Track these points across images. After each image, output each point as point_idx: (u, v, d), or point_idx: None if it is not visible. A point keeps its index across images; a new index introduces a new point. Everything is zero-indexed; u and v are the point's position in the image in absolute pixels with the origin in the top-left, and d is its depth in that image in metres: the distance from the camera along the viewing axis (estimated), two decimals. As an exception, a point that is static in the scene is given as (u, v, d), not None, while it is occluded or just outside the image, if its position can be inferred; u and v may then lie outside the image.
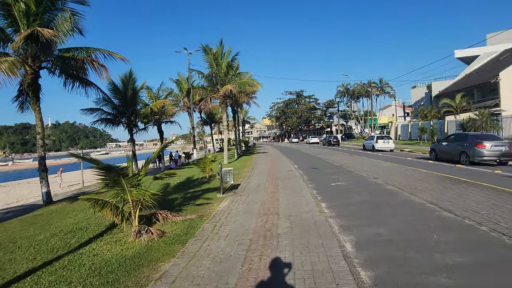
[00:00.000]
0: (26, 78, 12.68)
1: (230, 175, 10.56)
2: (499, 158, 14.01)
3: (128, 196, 6.03)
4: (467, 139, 15.12)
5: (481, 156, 14.06)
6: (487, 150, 13.98)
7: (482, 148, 14.09)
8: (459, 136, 16.42)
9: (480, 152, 14.11)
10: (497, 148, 13.98)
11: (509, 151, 13.91)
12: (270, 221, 6.49)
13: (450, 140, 16.69)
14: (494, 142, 14.17)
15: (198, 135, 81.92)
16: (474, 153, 14.27)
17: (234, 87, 21.99)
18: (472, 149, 14.41)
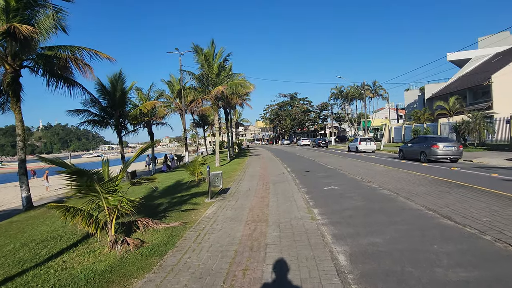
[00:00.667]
0: (5, 77, 12.09)
1: (219, 178, 10.10)
2: (449, 157, 16.70)
3: (103, 203, 5.54)
4: (426, 141, 17.84)
5: (436, 155, 16.77)
6: (440, 150, 16.69)
7: (437, 148, 16.76)
8: (420, 139, 19.08)
9: (435, 151, 16.78)
10: (448, 148, 16.68)
11: (458, 151, 16.67)
12: (258, 230, 6.04)
13: (413, 142, 19.41)
14: (446, 144, 16.89)
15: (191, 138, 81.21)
16: (430, 152, 16.93)
17: (226, 88, 21.55)
18: (429, 149, 17.05)
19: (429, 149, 17.01)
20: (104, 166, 5.70)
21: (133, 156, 6.08)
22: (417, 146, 18.33)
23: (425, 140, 18.00)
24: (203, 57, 21.79)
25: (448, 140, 17.81)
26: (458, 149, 16.64)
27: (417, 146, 18.41)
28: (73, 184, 5.20)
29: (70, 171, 4.93)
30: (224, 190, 11.06)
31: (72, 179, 5.11)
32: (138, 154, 6.03)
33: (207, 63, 22.00)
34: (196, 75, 22.45)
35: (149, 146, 6.16)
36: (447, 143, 16.95)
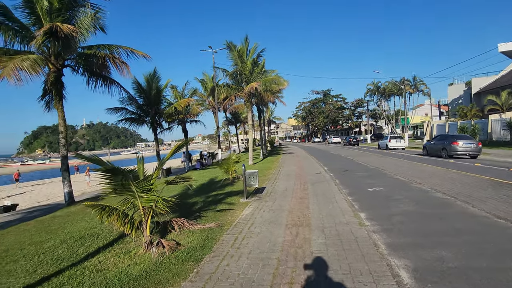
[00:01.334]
0: (49, 76, 12.50)
1: (255, 177, 9.68)
2: (468, 153, 18.28)
3: (138, 202, 5.30)
4: (447, 138, 19.61)
5: (455, 151, 18.36)
6: (460, 147, 18.28)
7: (456, 145, 18.37)
8: (442, 136, 21.20)
9: (455, 148, 18.37)
10: (467, 145, 18.29)
11: (476, 148, 18.20)
12: (300, 235, 5.52)
13: (436, 140, 21.28)
14: (466, 141, 18.51)
15: (224, 135, 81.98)
16: (451, 148, 18.52)
17: (260, 85, 21.10)
18: (450, 146, 18.65)
19: (449, 146, 18.58)
20: (139, 164, 5.46)
21: (167, 155, 5.80)
22: (439, 143, 19.90)
23: (446, 138, 19.88)
24: (237, 54, 21.51)
25: (467, 138, 19.38)
26: (477, 146, 18.19)
27: (439, 143, 20.01)
28: (108, 182, 5.00)
29: (105, 169, 4.71)
30: (260, 189, 10.63)
31: (107, 177, 4.90)
32: (173, 152, 5.74)
33: (240, 60, 21.70)
34: (229, 72, 22.23)
35: (183, 144, 5.86)
36: (467, 140, 18.57)
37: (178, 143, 5.78)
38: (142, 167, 5.46)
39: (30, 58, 10.99)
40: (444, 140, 19.68)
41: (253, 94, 22.79)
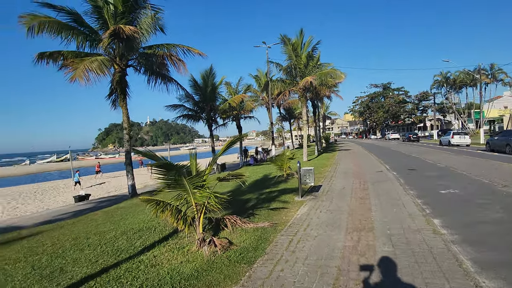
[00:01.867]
0: (115, 76, 13.34)
1: (311, 175, 9.17)
2: None
3: (191, 199, 5.20)
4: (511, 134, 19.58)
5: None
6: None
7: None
8: (507, 132, 20.91)
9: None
10: None
11: None
12: (363, 241, 4.94)
13: (500, 135, 20.97)
14: None
15: (277, 131, 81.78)
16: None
17: (315, 79, 20.31)
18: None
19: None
20: (192, 160, 5.35)
21: (220, 151, 5.63)
22: (503, 139, 19.67)
23: (510, 134, 19.73)
24: (291, 48, 20.95)
25: None
26: None
27: (503, 139, 19.75)
28: (162, 177, 4.97)
29: (158, 164, 4.66)
30: (315, 187, 10.09)
31: (161, 172, 4.87)
32: (226, 148, 5.55)
33: (294, 54, 21.10)
34: (284, 67, 21.77)
35: (236, 139, 5.64)
36: None
37: (231, 139, 5.57)
38: (194, 163, 5.35)
39: (98, 59, 11.79)
40: (508, 136, 19.45)
41: (307, 88, 22.05)
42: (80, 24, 12.43)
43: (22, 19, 10.77)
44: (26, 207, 19.38)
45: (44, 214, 14.70)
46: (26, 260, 5.43)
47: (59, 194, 23.61)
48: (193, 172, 5.32)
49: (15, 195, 24.79)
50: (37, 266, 5.02)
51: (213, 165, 5.56)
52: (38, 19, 10.99)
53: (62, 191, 24.97)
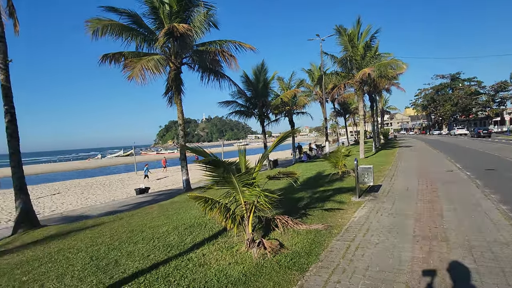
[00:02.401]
0: (170, 74, 13.79)
1: (369, 174, 8.40)
2: None
3: (240, 197, 4.97)
4: None
5: None
6: None
7: None
8: None
9: None
10: None
11: None
12: (436, 253, 4.24)
13: None
14: None
15: (331, 127, 79.21)
16: None
17: (373, 70, 18.97)
18: None
19: None
20: (241, 156, 5.11)
21: (270, 147, 5.30)
22: None
23: None
24: (347, 38, 19.82)
25: None
26: None
27: None
28: (209, 174, 4.80)
29: (206, 161, 4.49)
30: (375, 187, 9.27)
31: (209, 169, 4.69)
32: (276, 144, 5.21)
33: (351, 44, 19.92)
34: (338, 59, 20.71)
35: (287, 134, 5.24)
36: None
37: (281, 134, 5.21)
38: (244, 160, 5.10)
39: (154, 58, 12.24)
40: None
41: (365, 81, 20.73)
42: (139, 25, 13.03)
43: (88, 23, 11.58)
44: (96, 197, 21.21)
45: (110, 204, 15.88)
46: (87, 250, 5.70)
47: (124, 186, 25.46)
48: (242, 169, 5.08)
49: (88, 186, 27.41)
50: (95, 257, 5.22)
51: (264, 161, 5.25)
52: (102, 22, 11.73)
53: (126, 184, 26.95)
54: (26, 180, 9.81)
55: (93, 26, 11.55)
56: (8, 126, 9.40)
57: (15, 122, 9.53)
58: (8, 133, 9.39)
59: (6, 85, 9.44)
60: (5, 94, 9.42)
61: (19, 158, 9.51)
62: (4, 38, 9.54)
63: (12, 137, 9.43)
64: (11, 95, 9.57)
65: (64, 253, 5.68)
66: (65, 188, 27.12)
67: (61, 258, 5.39)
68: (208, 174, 4.76)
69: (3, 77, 9.38)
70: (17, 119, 9.63)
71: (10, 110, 9.47)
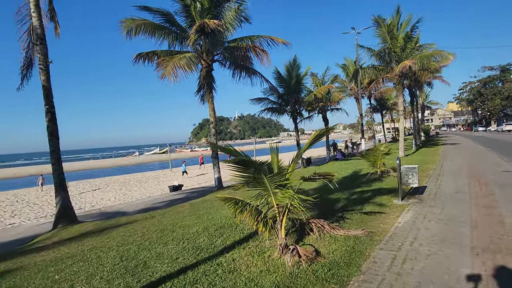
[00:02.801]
0: (202, 71, 13.75)
1: (414, 174, 7.67)
2: None
3: (272, 199, 4.62)
4: None
5: None
6: None
7: None
8: None
9: None
10: None
11: None
12: (504, 270, 3.60)
13: None
14: None
15: (367, 124, 76.29)
16: None
17: (414, 63, 17.72)
18: None
19: None
20: (273, 155, 4.74)
21: (305, 145, 4.87)
22: None
23: None
24: (386, 29, 18.67)
25: None
26: None
27: None
28: (239, 175, 4.49)
29: (234, 160, 4.18)
30: (419, 189, 8.49)
31: (238, 169, 4.38)
32: (311, 143, 4.76)
33: (390, 36, 18.74)
34: (376, 51, 19.57)
35: (323, 132, 4.78)
36: None
37: (316, 132, 4.77)
38: (276, 159, 4.73)
39: (186, 56, 12.22)
40: None
41: (405, 74, 19.47)
42: (171, 24, 13.07)
43: (122, 24, 11.78)
44: (133, 193, 21.90)
45: (146, 201, 16.27)
46: (118, 249, 5.64)
47: (159, 183, 26.11)
48: (275, 170, 4.72)
49: (125, 183, 28.49)
50: (125, 257, 5.13)
51: (296, 161, 4.85)
52: (135, 22, 11.89)
53: (161, 180, 27.64)
54: (71, 176, 10.28)
55: (127, 26, 11.74)
56: (49, 125, 9.76)
57: (55, 121, 9.88)
58: (49, 131, 9.75)
59: (47, 86, 9.80)
60: (46, 95, 9.78)
61: (59, 155, 9.87)
62: (44, 41, 9.91)
63: (53, 136, 9.78)
64: (52, 95, 9.93)
65: (96, 251, 5.67)
66: (104, 184, 28.40)
67: (93, 256, 5.37)
68: (238, 174, 4.46)
69: (44, 78, 9.74)
70: (57, 118, 9.98)
71: (50, 109, 9.83)
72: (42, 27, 9.83)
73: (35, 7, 9.69)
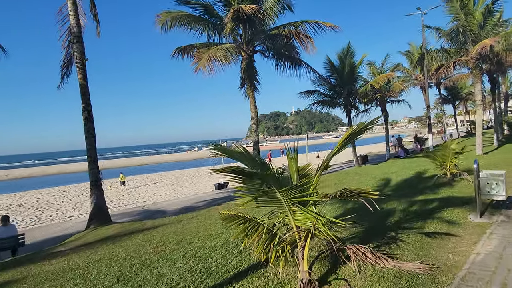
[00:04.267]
0: (242, 63, 12.88)
1: (499, 183, 5.75)
2: None
3: (290, 219, 3.47)
4: None
5: None
6: None
7: None
8: None
9: None
10: None
11: None
12: None
13: None
14: None
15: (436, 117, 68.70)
16: None
17: (497, 41, 14.67)
18: None
19: None
20: (291, 161, 3.55)
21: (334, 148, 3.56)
22: None
23: None
24: (458, 4, 15.76)
25: None
26: None
27: None
28: (244, 187, 3.43)
29: (231, 169, 3.10)
30: (505, 202, 6.49)
31: (241, 180, 3.32)
32: (343, 144, 3.43)
33: (463, 11, 15.77)
34: (446, 32, 16.68)
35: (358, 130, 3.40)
36: None
37: (350, 130, 3.46)
38: (294, 165, 3.54)
39: (223, 47, 11.44)
40: None
41: (484, 56, 16.30)
42: (211, 15, 12.42)
43: (158, 17, 11.40)
44: (182, 190, 22.19)
45: (191, 198, 16.08)
46: (122, 264, 5.01)
47: (210, 179, 26.14)
48: (294, 180, 3.54)
49: (179, 178, 29.27)
50: (122, 278, 4.44)
51: (324, 169, 3.58)
52: (171, 14, 11.42)
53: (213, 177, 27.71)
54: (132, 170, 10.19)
55: (162, 19, 11.32)
56: (86, 123, 9.73)
57: (92, 119, 9.81)
58: (86, 129, 9.72)
59: (83, 84, 9.77)
60: (83, 93, 9.75)
61: (95, 154, 9.80)
62: (81, 39, 9.88)
63: (89, 134, 9.74)
64: (88, 93, 9.88)
65: (101, 264, 5.11)
66: (159, 179, 29.51)
67: (94, 272, 4.79)
68: (241, 186, 3.40)
69: (80, 76, 9.71)
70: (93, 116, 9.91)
71: (87, 108, 9.79)
72: (78, 25, 9.80)
73: (72, 5, 9.68)
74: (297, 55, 13.66)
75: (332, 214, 6.71)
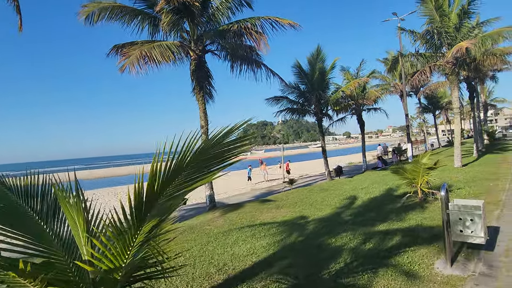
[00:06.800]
0: (191, 64, 11.25)
1: (476, 218, 4.09)
2: None
3: None
4: None
5: None
6: None
7: None
8: None
9: None
10: None
11: None
12: None
13: None
14: None
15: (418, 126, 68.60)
16: None
17: (474, 44, 13.55)
18: None
19: None
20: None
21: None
22: None
23: None
24: (433, 5, 14.67)
25: None
26: None
27: None
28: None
29: None
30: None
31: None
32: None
33: (439, 12, 14.67)
34: (420, 33, 15.47)
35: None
36: None
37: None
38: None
39: (162, 44, 9.82)
40: None
41: (461, 61, 15.16)
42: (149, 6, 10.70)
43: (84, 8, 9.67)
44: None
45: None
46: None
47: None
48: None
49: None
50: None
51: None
52: (100, 5, 9.71)
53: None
54: None
55: (88, 10, 9.60)
56: None
57: None
58: None
59: None
60: None
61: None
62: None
63: None
64: None
65: None
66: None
67: None
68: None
69: None
70: None
71: None
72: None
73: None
74: (257, 58, 12.13)
75: (265, 254, 5.02)
